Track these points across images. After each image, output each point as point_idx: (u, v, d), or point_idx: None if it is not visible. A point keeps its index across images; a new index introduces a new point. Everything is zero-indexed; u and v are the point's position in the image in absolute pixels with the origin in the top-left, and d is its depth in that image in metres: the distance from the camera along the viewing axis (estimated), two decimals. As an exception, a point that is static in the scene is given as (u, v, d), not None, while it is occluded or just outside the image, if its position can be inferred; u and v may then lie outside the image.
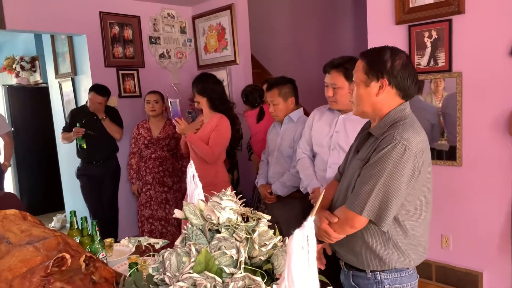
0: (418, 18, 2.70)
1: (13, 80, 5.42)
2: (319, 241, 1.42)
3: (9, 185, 5.02)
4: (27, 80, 5.29)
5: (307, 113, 2.95)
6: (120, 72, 3.91)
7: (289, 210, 2.35)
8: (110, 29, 3.80)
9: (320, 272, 0.56)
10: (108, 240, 1.82)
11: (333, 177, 1.62)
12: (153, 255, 0.82)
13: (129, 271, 1.21)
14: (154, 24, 4.14)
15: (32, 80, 5.36)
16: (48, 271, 1.13)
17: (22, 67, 5.23)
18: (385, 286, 1.36)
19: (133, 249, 1.87)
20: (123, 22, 3.90)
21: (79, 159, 3.58)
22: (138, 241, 0.74)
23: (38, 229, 1.55)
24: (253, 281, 0.62)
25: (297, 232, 0.49)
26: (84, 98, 3.54)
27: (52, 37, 4.14)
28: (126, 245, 1.95)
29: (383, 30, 2.89)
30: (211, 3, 4.19)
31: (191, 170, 1.06)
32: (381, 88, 1.33)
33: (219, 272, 0.65)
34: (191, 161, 1.09)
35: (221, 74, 4.17)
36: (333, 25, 4.77)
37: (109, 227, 3.53)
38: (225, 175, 2.68)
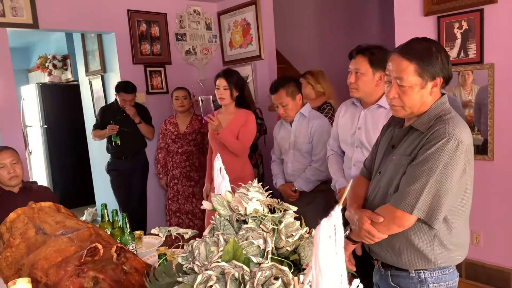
0: (448, 8, 2.62)
1: (45, 78, 5.61)
2: (354, 242, 1.39)
3: (43, 180, 5.21)
4: (59, 78, 5.47)
5: (334, 109, 2.93)
6: (148, 69, 3.99)
7: (315, 205, 2.35)
8: (137, 26, 3.88)
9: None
10: (137, 232, 1.87)
11: (359, 174, 1.57)
12: (182, 246, 0.84)
13: (159, 261, 1.24)
14: (180, 21, 4.20)
15: (63, 78, 5.53)
16: (82, 260, 1.17)
17: (54, 66, 5.41)
18: (429, 285, 1.32)
19: (162, 241, 1.93)
20: (150, 19, 3.97)
21: (109, 155, 3.69)
22: (168, 231, 0.77)
23: (71, 221, 1.61)
24: (280, 271, 0.63)
25: (324, 221, 0.49)
26: (113, 94, 3.63)
27: (83, 35, 4.26)
28: (155, 237, 2.00)
29: (411, 22, 2.82)
30: (236, -1, 4.21)
31: (218, 163, 1.08)
32: (435, 86, 1.27)
33: (247, 262, 0.66)
34: (218, 154, 1.11)
35: (246, 70, 4.19)
36: (359, 18, 4.70)
37: (137, 220, 3.62)
38: (251, 169, 2.72)
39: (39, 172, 5.25)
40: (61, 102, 5.26)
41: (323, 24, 5.00)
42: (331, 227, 0.48)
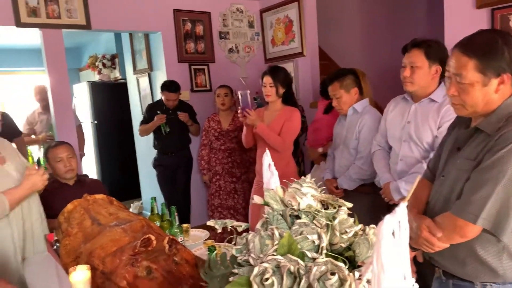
0: (503, 0, 2.48)
1: (95, 77, 5.88)
2: (413, 249, 1.33)
3: (92, 173, 5.47)
4: (108, 77, 5.71)
5: (377, 106, 2.87)
6: (192, 67, 4.08)
7: (357, 206, 2.30)
8: (183, 25, 3.98)
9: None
10: (185, 225, 1.93)
11: (423, 176, 1.48)
12: (229, 240, 0.86)
13: (208, 253, 1.27)
14: (223, 19, 4.26)
15: (112, 77, 5.77)
16: (136, 250, 1.23)
17: (104, 65, 5.65)
18: None
19: (208, 234, 1.97)
20: (195, 18, 4.06)
21: (156, 150, 3.82)
22: (224, 223, 0.79)
23: (123, 212, 1.69)
24: (335, 266, 0.63)
25: (388, 217, 0.49)
26: (160, 92, 3.75)
27: (131, 35, 4.43)
28: (201, 230, 2.06)
29: (462, 15, 2.70)
30: (279, -4, 4.21)
31: (267, 159, 1.09)
32: (501, 83, 1.17)
33: (301, 256, 0.67)
34: (267, 150, 1.12)
35: (287, 67, 4.17)
36: (406, 12, 4.55)
37: (182, 214, 3.71)
38: (294, 167, 2.72)
39: (89, 166, 5.52)
40: (110, 100, 5.48)
41: (367, 20, 4.89)
42: (395, 223, 0.47)
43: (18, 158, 1.89)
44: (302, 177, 0.79)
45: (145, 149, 4.42)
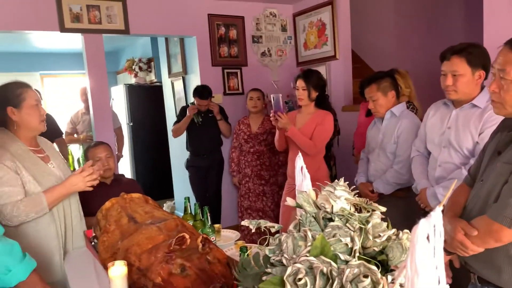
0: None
1: (132, 80, 6.07)
2: (448, 252, 1.30)
3: (127, 174, 5.64)
4: (144, 80, 5.88)
5: (417, 109, 2.81)
6: (225, 70, 4.15)
7: (392, 210, 2.27)
8: (217, 30, 4.05)
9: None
10: (216, 225, 1.97)
11: (463, 181, 1.46)
12: (261, 241, 0.88)
13: (240, 253, 1.30)
14: (256, 23, 4.30)
15: (148, 80, 5.94)
16: (171, 248, 1.26)
17: (140, 68, 5.83)
18: None
19: (239, 235, 2.00)
20: (229, 23, 4.12)
21: (188, 152, 3.90)
22: (258, 223, 0.81)
23: (158, 211, 1.74)
24: (368, 270, 0.64)
25: (422, 221, 0.49)
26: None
27: (166, 39, 4.55)
28: (232, 231, 2.09)
29: (503, 16, 2.60)
30: (313, 0, 4.21)
31: (299, 161, 1.11)
32: None
33: (334, 258, 0.68)
34: (299, 153, 1.13)
35: (320, 70, 4.15)
36: (442, 14, 4.44)
37: (212, 215, 3.77)
38: (326, 170, 2.72)
39: (124, 166, 5.69)
40: (145, 102, 5.63)
41: (402, 22, 4.80)
42: (430, 227, 0.48)
43: (60, 158, 1.99)
44: (336, 180, 0.80)
45: (178, 150, 4.53)
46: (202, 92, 3.62)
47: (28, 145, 1.79)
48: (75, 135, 4.33)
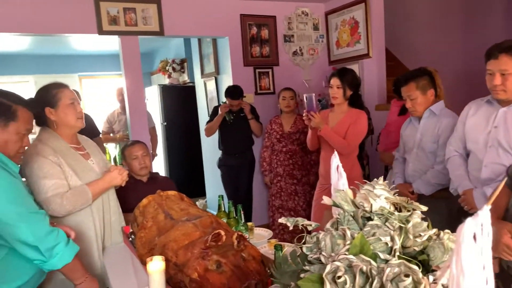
0: None
1: (166, 81, 6.20)
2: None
3: (161, 172, 5.77)
4: (177, 80, 6.00)
5: (449, 108, 2.72)
6: (257, 70, 4.17)
7: (432, 211, 2.20)
8: (249, 30, 4.08)
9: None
10: (250, 223, 1.98)
11: (504, 183, 1.40)
12: (296, 239, 0.88)
13: (275, 251, 1.31)
14: (288, 22, 4.30)
15: (181, 80, 6.05)
16: (207, 244, 1.29)
17: (174, 69, 5.94)
18: None
19: (272, 234, 2.01)
20: (261, 22, 4.14)
21: (220, 151, 3.95)
22: (296, 221, 0.81)
23: (193, 208, 1.77)
24: (409, 269, 0.63)
25: (469, 220, 0.48)
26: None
27: (199, 40, 4.62)
28: (264, 229, 2.10)
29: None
30: (345, -2, 4.17)
31: (335, 160, 1.10)
32: None
33: (373, 257, 0.68)
34: (335, 152, 1.13)
35: (353, 68, 4.11)
36: (480, 11, 4.27)
37: (244, 213, 3.81)
38: (359, 170, 2.68)
39: (158, 165, 5.83)
40: (179, 102, 5.74)
41: (438, 18, 4.66)
42: (477, 226, 0.47)
43: (100, 155, 2.07)
44: (375, 179, 0.79)
45: (210, 149, 4.59)
46: (234, 92, 3.65)
47: (69, 143, 1.87)
48: (111, 134, 4.48)
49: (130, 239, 1.85)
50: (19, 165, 1.60)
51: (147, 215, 1.73)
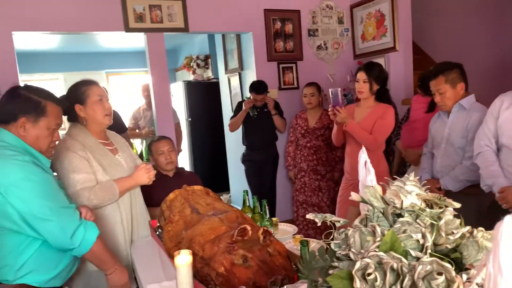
0: None
1: (190, 77, 6.26)
2: None
3: (186, 168, 5.84)
4: (201, 76, 6.05)
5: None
6: (281, 65, 4.15)
7: (461, 208, 2.15)
8: (273, 25, 4.06)
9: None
10: (274, 219, 1.98)
11: None
12: (325, 235, 0.87)
13: (301, 247, 1.30)
14: (313, 17, 4.25)
15: (205, 76, 6.09)
16: (233, 239, 1.30)
17: (198, 65, 5.99)
18: None
19: (296, 229, 2.01)
20: (285, 17, 4.11)
21: (244, 146, 3.96)
22: (325, 216, 0.81)
23: (219, 203, 1.79)
24: (441, 267, 0.62)
25: (508, 217, 0.47)
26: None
27: (223, 36, 4.64)
28: (289, 225, 2.10)
29: None
30: (371, -9, 4.08)
31: (363, 156, 1.09)
32: None
33: (404, 255, 0.66)
34: (363, 148, 1.11)
35: (379, 62, 4.05)
36: (513, 1, 4.10)
37: (268, 209, 3.82)
38: (386, 166, 2.64)
39: (183, 160, 5.90)
40: (203, 98, 5.79)
41: (468, 11, 4.50)
42: (517, 224, 0.45)
43: (128, 151, 2.11)
44: (405, 175, 0.77)
45: (234, 145, 4.61)
46: (258, 87, 3.66)
47: (98, 138, 1.92)
48: (137, 130, 4.56)
49: (157, 233, 1.88)
50: (51, 160, 1.65)
51: (174, 209, 1.75)
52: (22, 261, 1.45)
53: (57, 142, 1.69)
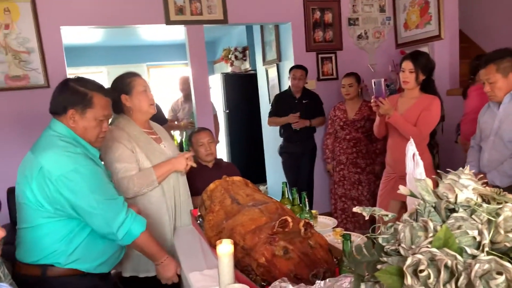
0: None
1: (228, 69, 6.29)
2: None
3: (224, 159, 5.90)
4: (239, 68, 6.07)
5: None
6: (320, 55, 4.08)
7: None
8: (312, 14, 3.99)
9: None
10: (314, 211, 1.97)
11: None
12: (373, 229, 0.85)
13: (343, 241, 1.28)
14: (353, 5, 4.14)
15: (242, 68, 6.11)
16: (274, 230, 1.30)
17: (236, 57, 6.01)
18: None
19: (336, 222, 1.98)
20: (324, 7, 4.03)
21: (281, 138, 3.95)
22: (373, 210, 0.79)
23: (259, 194, 1.79)
24: (501, 266, 0.58)
25: None
26: (287, 82, 3.84)
27: (262, 27, 4.62)
28: (328, 218, 2.07)
29: None
30: (415, -24, 3.92)
31: (411, 148, 1.05)
32: None
33: (459, 252, 0.63)
34: (411, 139, 1.07)
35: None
36: None
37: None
38: (429, 159, 2.55)
39: (220, 151, 5.97)
40: (241, 90, 5.81)
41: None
42: None
43: (170, 141, 2.16)
44: (460, 168, 0.74)
45: (271, 136, 4.60)
46: (298, 66, 3.69)
47: (143, 128, 1.98)
48: (176, 122, 4.65)
49: (198, 221, 1.92)
50: (99, 151, 1.71)
51: (214, 199, 1.78)
52: (73, 247, 1.52)
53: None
